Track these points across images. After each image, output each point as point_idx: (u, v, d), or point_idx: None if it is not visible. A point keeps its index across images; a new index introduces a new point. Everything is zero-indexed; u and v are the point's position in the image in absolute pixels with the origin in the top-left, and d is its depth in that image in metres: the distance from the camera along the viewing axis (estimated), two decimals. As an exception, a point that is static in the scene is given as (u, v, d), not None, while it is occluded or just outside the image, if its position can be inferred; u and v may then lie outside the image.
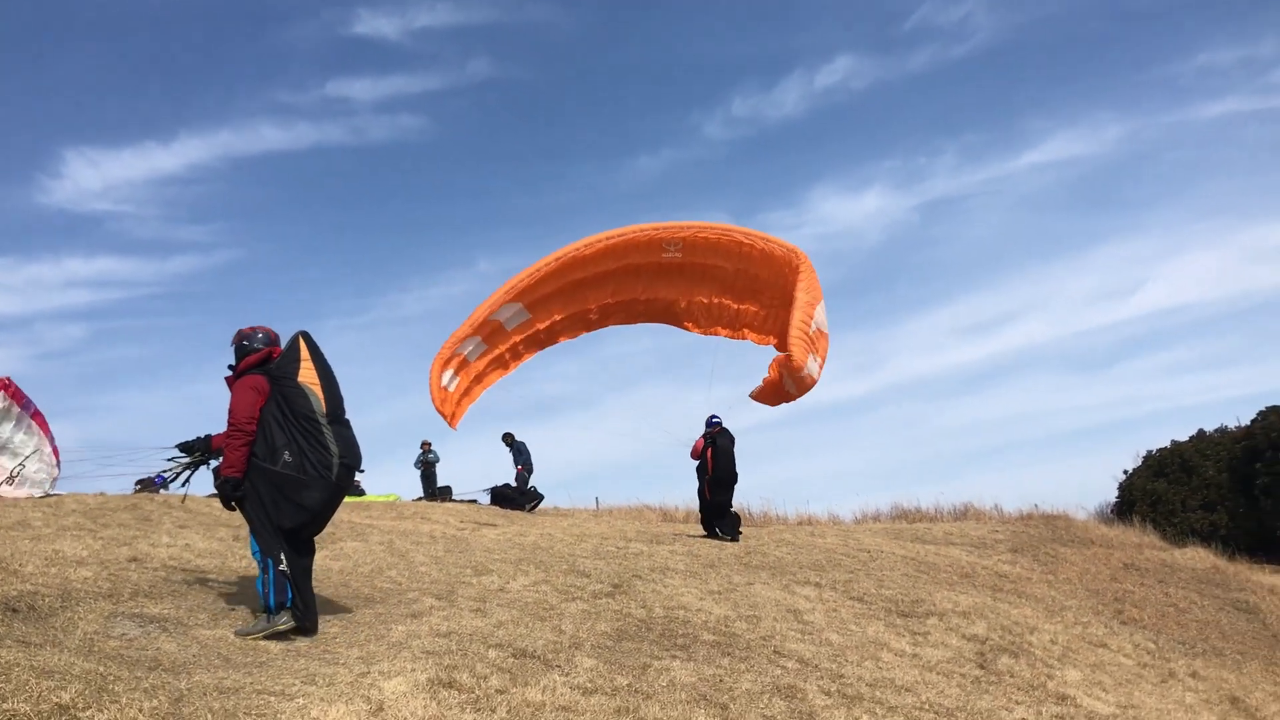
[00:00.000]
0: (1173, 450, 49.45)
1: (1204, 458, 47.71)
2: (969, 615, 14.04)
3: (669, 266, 19.91)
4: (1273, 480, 44.28)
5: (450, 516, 20.83)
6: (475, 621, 9.35)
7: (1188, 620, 19.13)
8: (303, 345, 8.31)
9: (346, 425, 8.33)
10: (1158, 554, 26.68)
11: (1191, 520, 44.83)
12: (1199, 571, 24.61)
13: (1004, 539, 25.14)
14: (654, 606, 11.24)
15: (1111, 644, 14.91)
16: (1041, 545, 24.56)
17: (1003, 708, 9.32)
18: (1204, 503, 46.22)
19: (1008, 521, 29.81)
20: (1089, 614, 17.26)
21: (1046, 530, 27.56)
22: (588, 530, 20.03)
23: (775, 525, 28.62)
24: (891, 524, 31.39)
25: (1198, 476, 46.95)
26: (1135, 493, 48.26)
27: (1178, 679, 13.38)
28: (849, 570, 17.18)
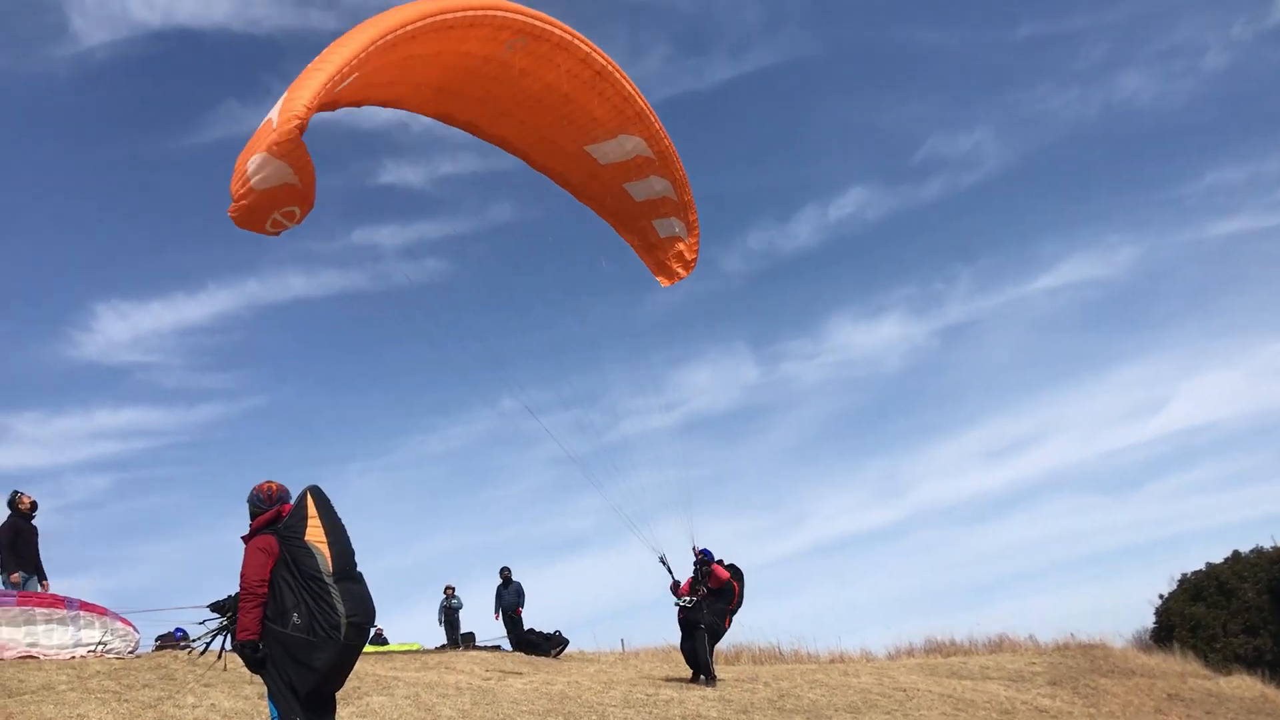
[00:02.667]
0: (1209, 573, 48.49)
1: (1241, 580, 46.72)
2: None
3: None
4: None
5: (475, 665, 20.49)
6: (507, 781, 9.13)
7: (1239, 753, 18.52)
8: (310, 502, 8.30)
9: (358, 580, 8.24)
10: (1202, 683, 25.96)
11: (1234, 645, 43.68)
12: (1247, 701, 23.93)
13: (1041, 671, 24.52)
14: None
15: (1161, 783, 14.41)
16: (1081, 677, 23.94)
17: None
18: (1246, 626, 45.10)
19: (1044, 652, 29.10)
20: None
21: (1085, 660, 26.88)
22: (615, 676, 19.66)
23: (808, 664, 28.01)
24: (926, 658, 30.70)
25: (1237, 599, 45.92)
26: (1173, 618, 47.17)
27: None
28: (886, 711, 16.77)
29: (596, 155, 15.69)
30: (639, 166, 16.12)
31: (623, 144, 15.49)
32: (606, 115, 14.99)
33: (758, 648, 31.60)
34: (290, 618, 7.87)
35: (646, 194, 16.65)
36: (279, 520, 8.32)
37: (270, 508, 8.43)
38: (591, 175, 16.13)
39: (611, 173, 16.09)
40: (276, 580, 8.01)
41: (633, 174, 16.21)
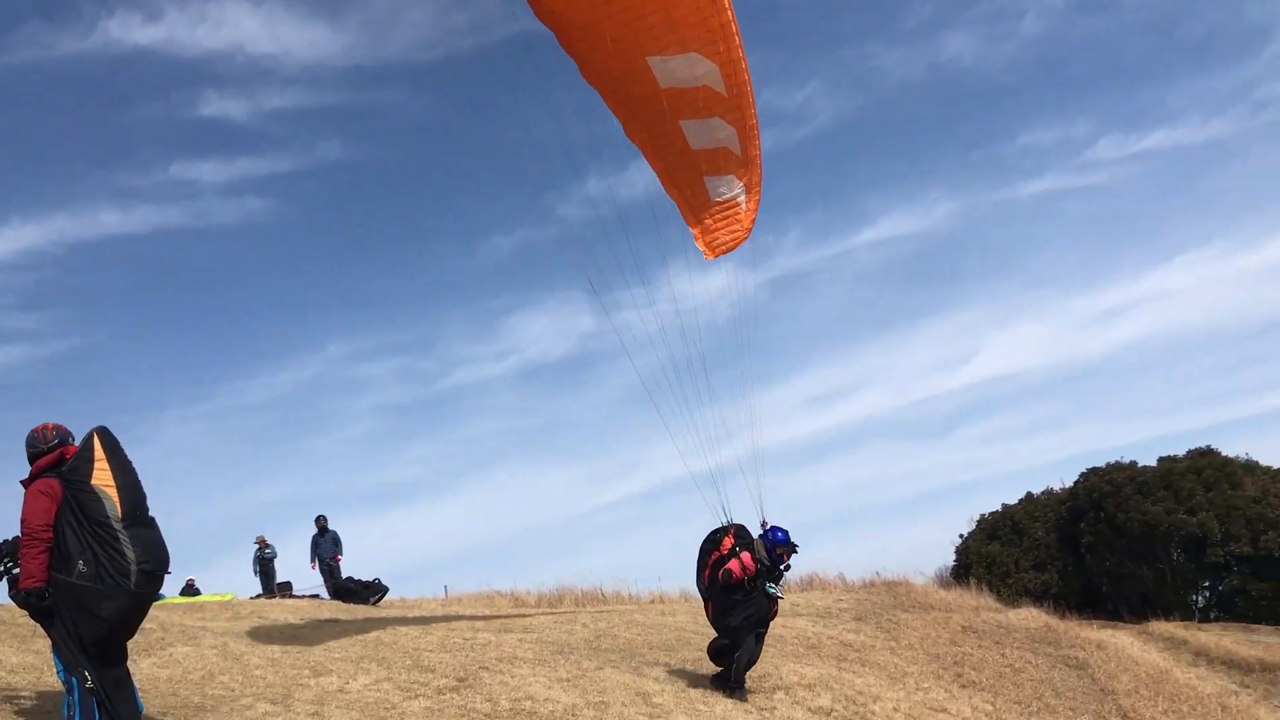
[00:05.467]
0: (1004, 513, 51.73)
1: (1033, 519, 50.06)
2: (814, 687, 14.26)
3: None
4: (1096, 539, 46.69)
5: (289, 614, 20.07)
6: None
7: (1023, 680, 19.82)
8: (97, 443, 7.85)
9: (150, 525, 7.86)
10: (994, 615, 27.60)
11: (1025, 580, 46.79)
12: (1033, 631, 25.56)
13: (848, 607, 25.67)
14: (500, 699, 11.05)
15: (951, 708, 15.35)
16: (884, 612, 25.17)
17: (846, 780, 9.48)
18: (1035, 563, 48.36)
19: (852, 590, 30.46)
20: (930, 679, 17.74)
21: (889, 597, 28.27)
22: (434, 622, 19.60)
23: (628, 605, 28.54)
24: (741, 598, 31.65)
25: (1028, 538, 49.18)
26: (971, 556, 50.20)
27: (1014, 738, 13.84)
28: (698, 648, 17.24)
29: (657, 72, 12.64)
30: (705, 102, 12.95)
31: (692, 65, 12.52)
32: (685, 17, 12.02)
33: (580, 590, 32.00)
34: (75, 565, 7.49)
35: (706, 141, 13.66)
36: (62, 463, 7.88)
37: (50, 449, 7.96)
38: (647, 99, 12.99)
39: (670, 100, 12.94)
40: (60, 526, 7.60)
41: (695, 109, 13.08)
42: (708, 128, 13.38)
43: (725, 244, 14.52)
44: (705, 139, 13.53)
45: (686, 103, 12.84)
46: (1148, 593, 44.85)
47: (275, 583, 28.14)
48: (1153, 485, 45.93)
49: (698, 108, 12.93)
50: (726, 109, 13.07)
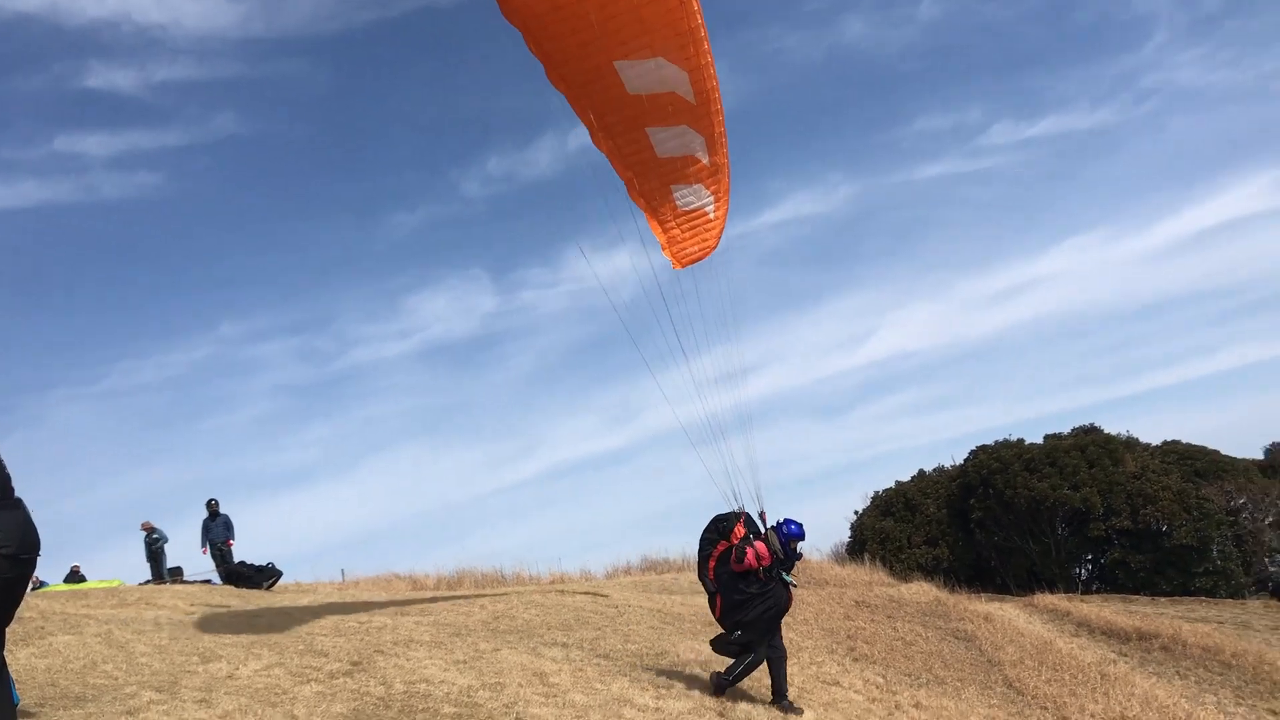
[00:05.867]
0: (898, 490, 52.98)
1: (925, 496, 51.39)
2: (710, 664, 14.42)
3: None
4: (985, 515, 48.13)
5: (179, 600, 19.59)
6: (198, 714, 8.82)
7: (913, 653, 20.35)
8: None
9: (14, 507, 7.45)
10: (887, 590, 28.31)
11: (917, 556, 48.02)
12: (923, 605, 26.27)
13: (747, 585, 26.02)
14: (394, 682, 10.95)
15: (844, 681, 15.68)
16: (781, 589, 25.57)
17: (738, 754, 9.62)
18: (927, 539, 49.66)
19: (750, 567, 30.86)
20: (824, 653, 18.10)
21: (786, 574, 28.72)
22: (329, 606, 19.33)
23: (527, 587, 28.52)
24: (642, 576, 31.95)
25: (921, 514, 50.47)
26: (866, 532, 51.33)
27: (903, 710, 14.19)
28: (597, 628, 17.32)
29: (625, 76, 12.21)
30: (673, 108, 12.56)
31: (659, 69, 12.13)
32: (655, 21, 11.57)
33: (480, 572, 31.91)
34: None
35: (673, 149, 13.25)
36: (-82, 443, 7.48)
37: None
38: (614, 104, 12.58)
39: (637, 107, 12.55)
40: None
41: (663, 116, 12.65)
42: (675, 135, 13.09)
43: (693, 254, 14.22)
44: (673, 146, 13.19)
45: (654, 109, 12.56)
46: (1034, 566, 46.40)
47: (165, 568, 27.42)
48: (1039, 462, 47.45)
49: (666, 114, 12.65)
50: (694, 116, 12.83)
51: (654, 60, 11.98)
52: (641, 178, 13.50)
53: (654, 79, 12.19)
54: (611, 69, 12.10)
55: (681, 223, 14.02)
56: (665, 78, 12.20)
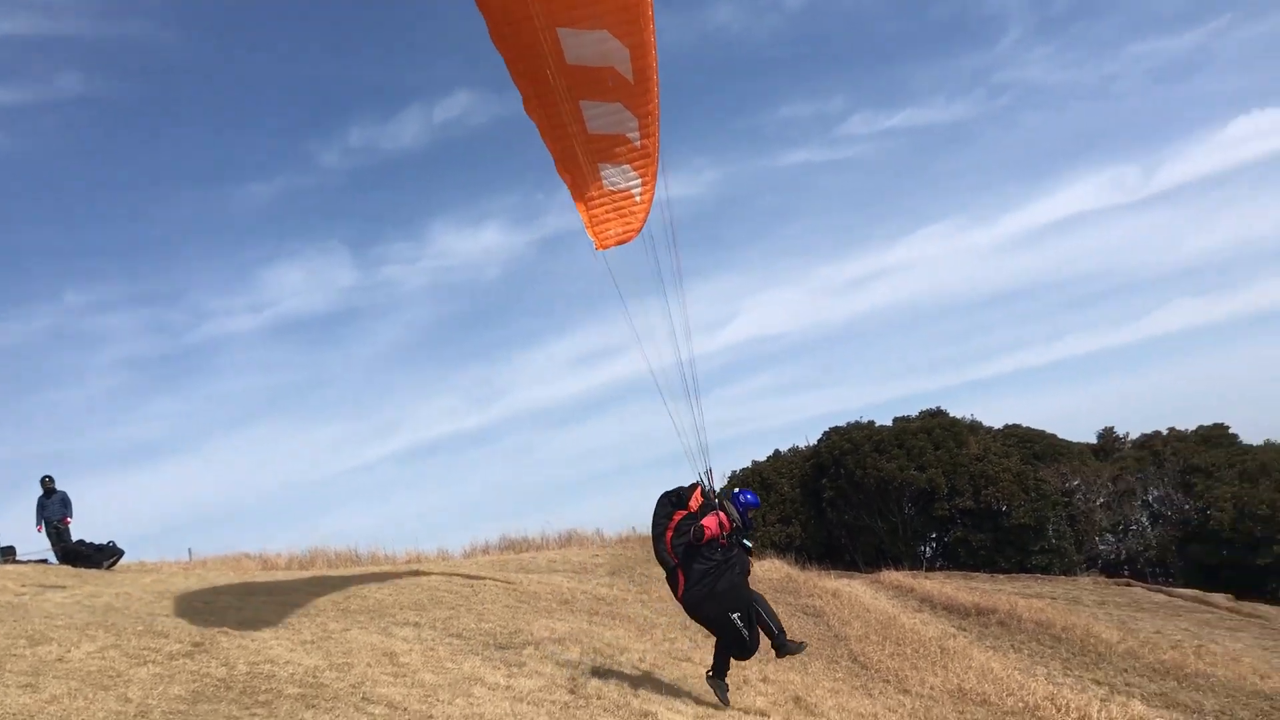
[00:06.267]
0: (754, 470, 54.10)
1: (780, 475, 52.63)
2: (564, 641, 14.50)
3: None
4: (837, 494, 49.56)
5: (10, 580, 18.65)
6: (22, 699, 8.43)
7: (764, 628, 20.82)
8: None
9: None
10: (741, 568, 28.87)
11: (771, 533, 49.13)
12: (775, 581, 26.92)
13: (604, 562, 26.23)
14: (237, 663, 10.67)
15: (695, 657, 15.95)
16: (637, 566, 25.86)
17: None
18: (781, 517, 50.89)
19: (608, 545, 31.13)
20: (677, 630, 18.35)
21: (643, 552, 29.02)
22: (173, 586, 18.70)
23: (382, 566, 28.12)
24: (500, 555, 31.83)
25: (775, 493, 51.64)
26: (723, 511, 52.24)
27: (751, 684, 14.53)
28: (451, 607, 17.21)
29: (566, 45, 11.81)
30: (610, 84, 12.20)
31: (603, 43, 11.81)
32: None
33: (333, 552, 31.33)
34: None
35: (604, 125, 12.86)
36: None
37: None
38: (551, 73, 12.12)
39: (574, 78, 12.15)
40: None
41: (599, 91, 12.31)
42: (609, 112, 12.64)
43: (616, 236, 13.67)
44: (605, 123, 12.77)
45: (591, 82, 12.18)
46: (881, 544, 48.01)
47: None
48: (888, 444, 49.06)
49: (602, 89, 12.27)
50: (631, 95, 12.45)
51: (599, 32, 11.72)
52: (569, 152, 13.10)
53: (595, 51, 11.88)
54: (554, 35, 11.75)
55: (606, 203, 13.59)
56: (607, 51, 11.92)
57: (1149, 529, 51.88)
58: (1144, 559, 51.13)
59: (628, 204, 13.54)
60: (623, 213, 13.59)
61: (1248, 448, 52.03)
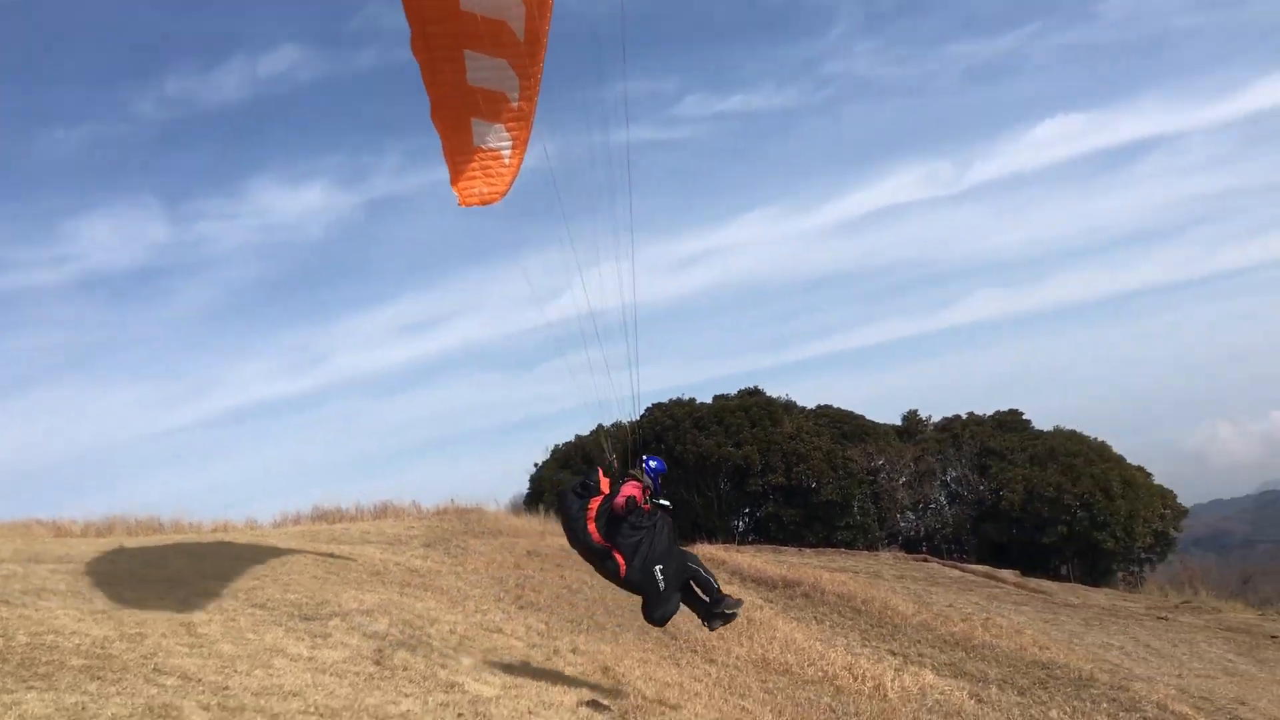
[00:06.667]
0: (577, 444, 54.38)
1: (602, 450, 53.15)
2: (373, 613, 14.29)
3: None
4: (657, 468, 50.29)
5: None
6: None
7: (578, 600, 21.00)
8: None
9: None
10: (558, 540, 28.93)
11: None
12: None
13: (419, 534, 25.91)
14: (16, 634, 10.08)
15: (507, 629, 15.98)
16: (454, 538, 25.66)
17: (390, 702, 9.60)
18: (601, 491, 51.37)
19: (425, 517, 30.75)
20: (490, 602, 18.34)
21: (460, 524, 28.83)
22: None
23: (187, 535, 27.02)
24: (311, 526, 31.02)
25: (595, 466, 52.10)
26: (544, 484, 52.37)
27: (561, 655, 14.66)
28: (256, 578, 16.70)
29: None
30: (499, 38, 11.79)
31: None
32: None
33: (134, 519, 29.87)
34: None
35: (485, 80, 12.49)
36: None
37: None
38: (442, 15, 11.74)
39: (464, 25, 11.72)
40: None
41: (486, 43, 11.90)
42: (493, 67, 12.34)
43: (481, 195, 13.43)
44: (485, 77, 12.45)
45: (480, 33, 11.84)
46: (698, 518, 49.06)
47: None
48: (708, 421, 50.14)
49: (490, 43, 11.94)
50: (518, 54, 12.18)
51: None
52: (446, 100, 12.72)
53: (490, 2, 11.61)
54: None
55: (475, 161, 13.31)
56: (501, 4, 11.67)
57: (946, 508, 54.69)
58: (941, 536, 53.88)
59: (496, 164, 13.35)
60: (490, 173, 13.40)
61: (1039, 433, 55.45)
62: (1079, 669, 20.96)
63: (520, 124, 13.11)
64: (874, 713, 16.30)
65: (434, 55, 12.30)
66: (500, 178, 13.44)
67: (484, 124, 13.03)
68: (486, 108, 12.85)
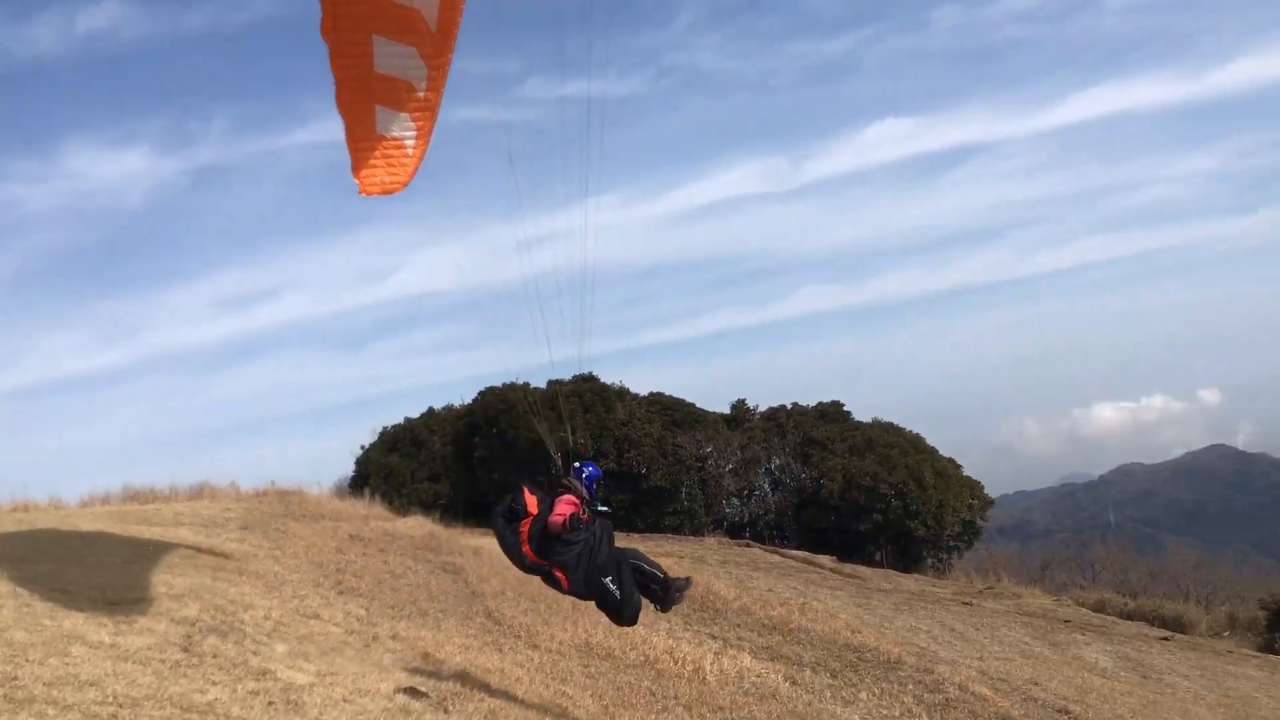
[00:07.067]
0: (406, 426, 53.58)
1: (431, 433, 52.47)
2: (183, 598, 13.78)
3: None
4: (488, 453, 50.01)
5: None
6: None
7: (401, 585, 20.73)
8: None
9: None
10: (382, 524, 28.51)
11: (419, 491, 48.89)
12: (417, 539, 26.78)
13: (235, 517, 25.04)
14: None
15: (325, 614, 15.64)
16: (272, 521, 24.90)
17: (197, 690, 9.29)
18: (431, 474, 50.74)
19: (243, 499, 29.71)
20: (308, 587, 17.90)
21: (280, 506, 27.98)
22: None
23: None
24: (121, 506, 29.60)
25: (426, 450, 51.44)
26: (371, 466, 51.41)
27: (380, 641, 14.46)
28: (57, 560, 15.86)
29: None
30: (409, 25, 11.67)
31: None
32: None
33: (-81, 497, 27.93)
34: None
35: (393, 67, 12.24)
36: None
37: None
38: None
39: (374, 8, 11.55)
40: None
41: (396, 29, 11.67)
42: (401, 55, 12.11)
43: (382, 185, 13.11)
44: (393, 65, 12.19)
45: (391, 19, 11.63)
46: (528, 504, 49.01)
47: None
48: (541, 405, 50.08)
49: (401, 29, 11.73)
50: (428, 44, 11.99)
51: None
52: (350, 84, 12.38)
53: None
54: None
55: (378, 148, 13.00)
56: None
57: (770, 495, 56.19)
58: (764, 522, 55.34)
59: (398, 154, 13.13)
60: (391, 162, 13.17)
61: (858, 424, 57.57)
62: (888, 652, 21.91)
63: (425, 114, 12.98)
64: (693, 696, 16.66)
65: (342, 38, 12.09)
66: (403, 168, 13.24)
67: (389, 112, 12.85)
68: (392, 96, 12.70)
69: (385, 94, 12.59)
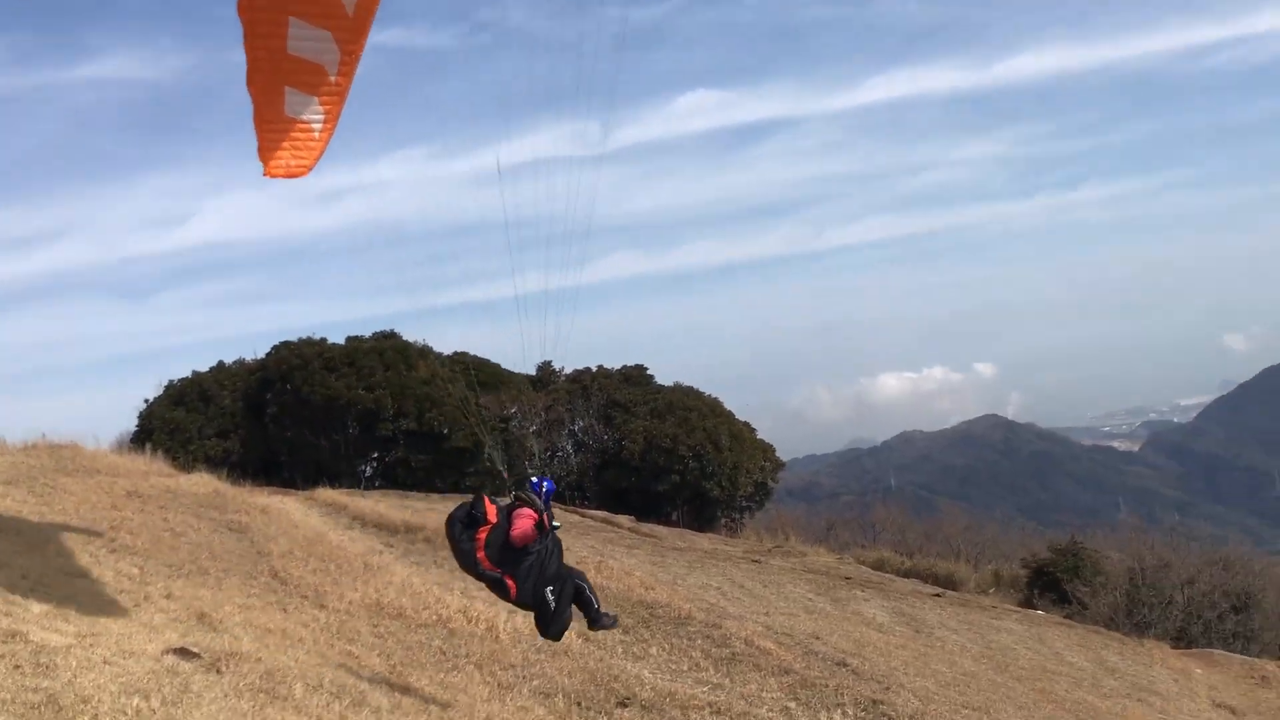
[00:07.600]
0: (194, 380, 51.21)
1: (221, 387, 50.32)
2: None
3: None
4: (281, 410, 48.41)
5: None
6: None
7: (181, 544, 19.80)
8: None
9: None
10: (164, 481, 27.13)
11: (206, 447, 46.84)
12: (201, 496, 25.61)
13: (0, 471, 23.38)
14: None
15: (94, 573, 14.79)
16: (41, 476, 23.35)
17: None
18: (219, 431, 48.70)
19: (9, 453, 27.72)
20: (78, 545, 16.87)
21: (51, 461, 26.25)
22: None
23: None
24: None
25: (215, 405, 49.32)
26: (155, 421, 48.92)
27: (152, 601, 13.76)
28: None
29: None
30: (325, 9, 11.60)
31: None
32: None
33: None
34: None
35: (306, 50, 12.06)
36: None
37: None
38: None
39: None
40: None
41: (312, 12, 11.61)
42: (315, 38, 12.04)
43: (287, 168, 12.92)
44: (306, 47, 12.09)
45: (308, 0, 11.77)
46: (322, 462, 47.69)
47: None
48: (339, 362, 48.76)
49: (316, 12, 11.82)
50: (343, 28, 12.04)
51: None
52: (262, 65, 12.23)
53: None
54: None
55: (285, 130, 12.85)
56: None
57: (573, 456, 56.56)
58: (566, 483, 55.66)
59: (305, 138, 13.09)
60: (297, 146, 13.13)
61: (660, 388, 58.56)
62: (679, 608, 22.41)
63: (334, 99, 12.91)
64: (485, 654, 16.61)
65: (257, 17, 12.01)
66: (310, 151, 13.18)
67: (298, 95, 12.74)
68: (303, 78, 12.60)
69: (297, 76, 12.56)
